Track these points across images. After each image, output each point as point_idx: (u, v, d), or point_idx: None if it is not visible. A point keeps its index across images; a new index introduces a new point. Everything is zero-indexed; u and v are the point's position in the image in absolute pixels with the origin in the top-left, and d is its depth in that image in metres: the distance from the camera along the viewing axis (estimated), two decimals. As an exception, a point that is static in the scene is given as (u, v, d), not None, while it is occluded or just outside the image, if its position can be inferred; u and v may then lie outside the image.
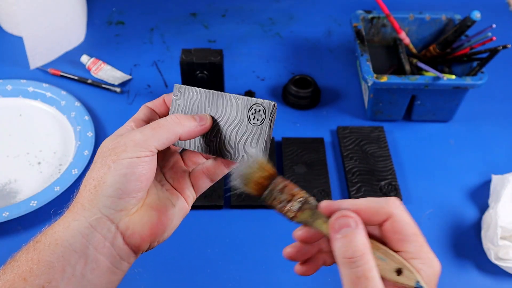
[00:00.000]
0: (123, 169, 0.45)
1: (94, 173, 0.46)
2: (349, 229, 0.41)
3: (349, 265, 0.40)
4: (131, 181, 0.45)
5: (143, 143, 0.46)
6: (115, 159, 0.45)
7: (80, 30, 1.06)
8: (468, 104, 0.94)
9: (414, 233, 0.42)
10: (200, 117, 0.50)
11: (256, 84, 0.99)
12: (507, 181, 0.78)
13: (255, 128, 0.49)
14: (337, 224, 0.41)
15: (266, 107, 0.48)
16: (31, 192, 0.80)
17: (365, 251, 0.40)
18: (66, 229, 0.45)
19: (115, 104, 0.95)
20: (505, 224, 0.73)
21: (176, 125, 0.48)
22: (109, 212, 0.45)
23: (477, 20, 0.87)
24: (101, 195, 0.45)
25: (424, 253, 0.41)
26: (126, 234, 0.47)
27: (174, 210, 0.50)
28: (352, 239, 0.40)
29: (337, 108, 0.96)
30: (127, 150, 0.46)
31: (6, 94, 0.94)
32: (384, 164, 0.85)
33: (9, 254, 0.74)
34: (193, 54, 0.88)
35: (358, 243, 0.40)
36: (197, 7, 1.17)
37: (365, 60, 0.88)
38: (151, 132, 0.47)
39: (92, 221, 0.45)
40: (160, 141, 0.47)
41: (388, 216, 0.42)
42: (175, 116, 0.49)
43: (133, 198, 0.46)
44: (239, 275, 0.73)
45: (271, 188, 0.44)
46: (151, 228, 0.48)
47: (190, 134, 0.49)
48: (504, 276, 0.73)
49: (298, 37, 1.11)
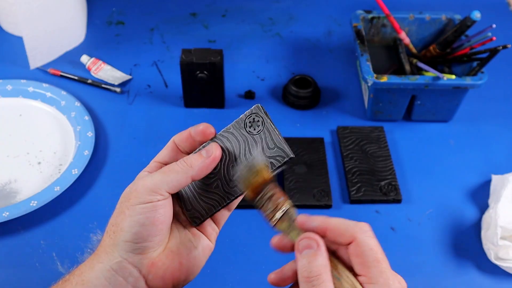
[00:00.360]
0: (137, 215, 0.46)
1: (113, 219, 0.48)
2: (311, 251, 0.44)
3: (307, 284, 0.43)
4: (146, 225, 0.47)
5: (153, 187, 0.47)
6: (128, 205, 0.47)
7: (80, 30, 1.06)
8: (468, 104, 0.94)
9: (375, 259, 0.43)
10: (206, 150, 0.49)
11: (256, 84, 0.99)
12: (507, 181, 0.78)
13: (262, 133, 0.49)
14: (301, 245, 0.44)
15: (255, 111, 0.49)
16: (31, 192, 0.80)
17: (321, 272, 0.43)
18: (91, 271, 0.47)
19: (115, 104, 0.95)
20: (505, 224, 0.73)
21: (186, 168, 0.48)
22: (128, 256, 0.47)
23: (477, 20, 0.87)
24: (119, 240, 0.47)
25: (382, 280, 0.42)
26: (148, 278, 0.48)
27: (197, 252, 0.51)
28: (311, 260, 0.43)
29: (337, 108, 0.96)
30: (138, 196, 0.47)
31: (6, 94, 0.94)
32: (384, 164, 0.85)
33: (9, 254, 0.74)
34: (193, 54, 0.88)
35: (317, 264, 0.43)
36: (197, 7, 1.17)
37: (365, 60, 0.88)
38: (161, 176, 0.48)
39: (113, 265, 0.47)
40: (171, 184, 0.47)
41: (352, 239, 0.44)
42: (184, 159, 0.49)
43: (150, 242, 0.47)
44: (239, 275, 0.73)
45: (261, 195, 0.47)
46: (173, 272, 0.49)
47: (203, 172, 0.49)
48: (504, 276, 0.73)
49: (298, 37, 1.11)
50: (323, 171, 0.84)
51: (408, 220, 0.80)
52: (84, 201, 0.80)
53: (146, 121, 0.92)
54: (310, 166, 0.84)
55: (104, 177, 0.84)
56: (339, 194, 0.82)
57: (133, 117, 0.93)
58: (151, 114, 0.94)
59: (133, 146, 0.89)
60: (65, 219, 0.78)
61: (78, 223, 0.77)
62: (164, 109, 0.94)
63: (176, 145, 0.51)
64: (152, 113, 0.94)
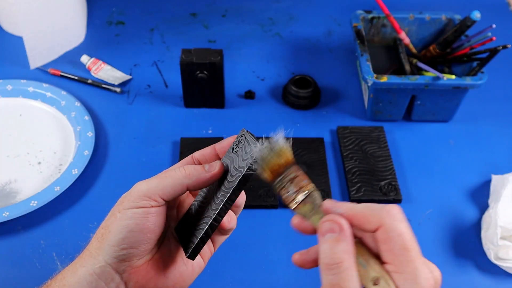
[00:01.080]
0: (126, 220, 0.45)
1: (104, 222, 0.47)
2: (334, 235, 0.40)
3: (327, 271, 0.39)
4: (134, 232, 0.45)
5: (147, 192, 0.46)
6: (120, 209, 0.46)
7: (80, 30, 1.06)
8: (468, 104, 0.94)
9: (403, 246, 0.40)
10: (210, 165, 0.48)
11: (256, 84, 0.99)
12: (507, 181, 0.78)
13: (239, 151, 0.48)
14: (324, 227, 0.41)
15: (240, 134, 0.48)
16: (31, 192, 0.80)
17: (344, 260, 0.39)
18: (73, 275, 0.46)
19: (115, 104, 0.95)
20: (505, 224, 0.73)
21: (182, 176, 0.47)
22: (112, 261, 0.46)
23: (477, 20, 0.87)
24: (106, 244, 0.46)
25: (410, 269, 0.39)
26: (129, 285, 0.47)
27: (185, 268, 0.50)
28: (334, 245, 0.40)
29: (337, 108, 0.96)
30: (131, 200, 0.46)
31: (6, 94, 0.94)
32: (384, 164, 0.85)
33: (9, 254, 0.74)
34: (193, 54, 0.88)
35: (339, 250, 0.40)
36: (197, 7, 1.17)
37: (365, 60, 0.88)
38: (157, 181, 0.46)
39: (96, 269, 0.46)
40: (165, 191, 0.46)
41: (379, 225, 0.40)
42: (184, 167, 0.48)
43: (137, 249, 0.46)
44: (239, 275, 0.73)
45: (283, 176, 0.44)
46: (156, 284, 0.48)
47: (199, 183, 0.47)
48: (504, 276, 0.73)
49: (298, 37, 1.11)
50: (323, 171, 0.84)
51: (408, 220, 0.80)
52: (84, 201, 0.80)
53: (146, 121, 0.92)
54: (310, 166, 0.84)
55: (104, 177, 0.84)
56: (339, 194, 0.82)
57: (133, 117, 0.93)
58: (151, 114, 0.94)
59: (133, 146, 0.89)
60: (65, 219, 0.78)
61: (78, 223, 0.77)
62: (164, 109, 0.94)
63: (193, 160, 0.51)
64: (152, 113, 0.94)
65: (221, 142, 0.51)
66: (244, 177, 0.46)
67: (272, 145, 0.44)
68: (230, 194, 0.46)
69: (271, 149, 0.44)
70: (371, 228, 0.41)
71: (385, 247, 0.40)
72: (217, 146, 0.51)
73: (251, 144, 0.46)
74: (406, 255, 0.39)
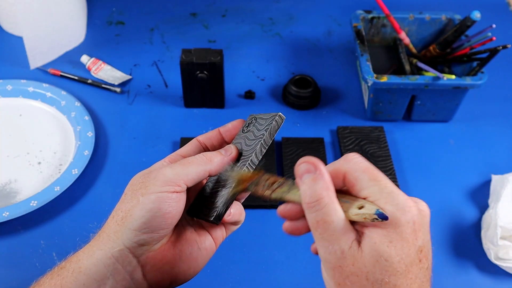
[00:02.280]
0: (150, 204, 0.46)
1: (123, 205, 0.47)
2: (310, 175, 0.41)
3: (310, 210, 0.41)
4: (156, 217, 0.46)
5: (173, 177, 0.47)
6: (144, 192, 0.46)
7: (80, 30, 1.06)
8: (468, 104, 0.94)
9: (372, 178, 0.41)
10: (225, 150, 0.51)
11: (256, 84, 0.99)
12: (507, 181, 0.78)
13: (251, 129, 0.51)
14: (300, 170, 0.42)
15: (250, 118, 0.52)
16: (31, 192, 0.80)
17: (323, 196, 0.40)
18: (90, 258, 0.46)
19: (115, 104, 0.95)
20: (505, 224, 0.73)
21: (205, 162, 0.49)
22: (132, 245, 0.46)
23: (477, 20, 0.87)
24: (126, 228, 0.46)
25: (385, 193, 0.40)
26: (146, 269, 0.47)
27: (199, 252, 0.51)
28: (312, 184, 0.41)
29: (337, 108, 0.96)
30: (156, 184, 0.46)
31: (6, 94, 0.94)
32: (384, 164, 0.85)
33: (9, 254, 0.74)
34: (193, 54, 0.88)
35: (317, 188, 0.41)
36: (197, 7, 1.17)
37: (365, 60, 0.88)
38: (181, 168, 0.48)
39: (114, 253, 0.46)
40: (190, 176, 0.48)
41: (344, 174, 0.42)
42: (203, 154, 0.50)
43: (157, 234, 0.47)
44: (239, 275, 0.73)
45: (255, 180, 0.47)
46: (172, 267, 0.49)
47: (220, 168, 0.50)
48: (504, 276, 0.73)
49: (298, 37, 1.11)
50: (323, 171, 0.84)
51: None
52: (84, 201, 0.80)
53: (146, 121, 0.92)
54: (310, 166, 0.84)
55: (104, 177, 0.84)
56: (339, 194, 0.82)
57: (133, 117, 0.93)
58: (151, 114, 0.94)
59: (133, 146, 0.89)
60: (65, 219, 0.78)
61: (78, 223, 0.77)
62: (164, 109, 0.94)
63: (200, 143, 0.53)
64: (152, 113, 0.94)
65: (225, 126, 0.53)
66: (272, 128, 0.50)
67: (233, 181, 0.48)
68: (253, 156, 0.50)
69: (235, 183, 0.48)
70: (340, 181, 0.42)
71: (357, 187, 0.41)
72: (221, 129, 0.53)
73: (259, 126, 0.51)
74: (379, 184, 0.40)
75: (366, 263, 0.39)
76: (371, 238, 0.40)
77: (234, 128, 0.53)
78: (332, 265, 0.41)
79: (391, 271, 0.39)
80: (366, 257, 0.39)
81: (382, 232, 0.39)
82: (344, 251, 0.40)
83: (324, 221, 0.40)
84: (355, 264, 0.40)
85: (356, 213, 0.40)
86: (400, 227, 0.39)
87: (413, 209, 0.40)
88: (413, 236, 0.40)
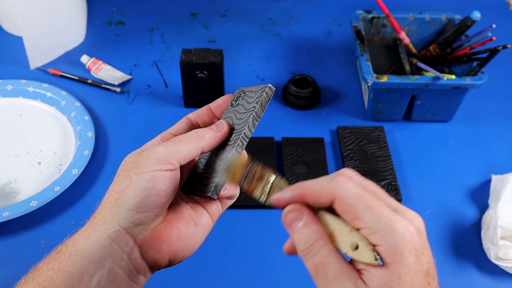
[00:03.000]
0: (144, 183, 0.46)
1: (116, 186, 0.47)
2: (298, 222, 0.41)
3: (306, 256, 0.40)
4: (151, 196, 0.46)
5: (165, 156, 0.47)
6: (137, 172, 0.46)
7: (80, 30, 1.06)
8: (468, 104, 0.94)
9: (366, 206, 0.38)
10: (217, 125, 0.50)
11: (256, 84, 0.99)
12: (507, 181, 0.78)
13: (241, 103, 0.51)
14: (288, 219, 0.42)
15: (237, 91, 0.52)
16: (31, 192, 0.80)
17: (316, 239, 0.40)
18: (86, 240, 0.46)
19: (115, 104, 0.95)
20: (505, 224, 0.73)
21: (197, 139, 0.49)
22: (128, 225, 0.46)
23: (477, 20, 0.87)
24: (121, 208, 0.46)
25: (383, 224, 0.37)
26: (143, 248, 0.47)
27: (196, 229, 0.50)
28: (303, 232, 0.41)
29: (337, 108, 0.96)
30: (149, 163, 0.46)
31: (6, 94, 0.94)
32: (384, 164, 0.85)
33: (9, 254, 0.74)
34: (193, 54, 0.88)
35: (308, 234, 0.40)
36: (197, 7, 1.17)
37: (365, 60, 0.88)
38: (173, 145, 0.48)
39: (111, 233, 0.46)
40: (182, 154, 0.47)
41: (332, 198, 0.40)
42: (195, 131, 0.50)
43: (152, 213, 0.47)
44: (239, 275, 0.73)
45: (246, 178, 0.46)
46: (169, 246, 0.48)
47: (212, 144, 0.50)
48: (504, 276, 0.73)
49: (298, 37, 1.11)
50: (323, 171, 0.84)
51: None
52: (84, 201, 0.80)
53: (146, 121, 0.92)
54: (310, 166, 0.84)
55: (104, 177, 0.84)
56: (339, 194, 0.82)
57: (133, 117, 0.93)
58: (151, 114, 0.94)
59: (133, 146, 0.88)
60: (65, 219, 0.78)
61: (78, 223, 0.77)
62: (164, 109, 0.94)
63: (191, 120, 0.53)
64: (152, 113, 0.94)
65: (215, 102, 0.53)
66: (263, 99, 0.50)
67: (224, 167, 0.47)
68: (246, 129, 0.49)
69: (226, 170, 0.46)
70: (326, 202, 0.41)
71: (349, 215, 0.39)
72: (211, 105, 0.53)
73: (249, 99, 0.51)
74: (373, 213, 0.38)
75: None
76: (378, 277, 0.38)
77: (224, 103, 0.53)
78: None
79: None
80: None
81: (389, 270, 0.37)
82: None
83: (323, 264, 0.39)
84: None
85: (351, 254, 0.39)
86: (405, 259, 0.37)
87: (414, 236, 0.39)
88: (418, 263, 0.38)
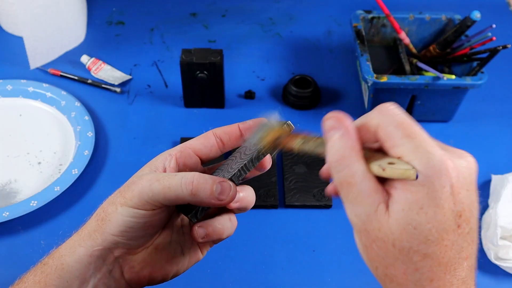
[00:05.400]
0: (128, 217, 0.44)
1: (105, 204, 0.46)
2: (335, 132, 0.39)
3: (333, 169, 0.38)
4: (135, 229, 0.45)
5: (150, 198, 0.43)
6: (122, 202, 0.44)
7: (80, 30, 1.06)
8: (468, 104, 0.94)
9: (406, 135, 0.37)
10: (221, 192, 0.44)
11: (256, 84, 0.99)
12: (507, 181, 0.78)
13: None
14: (326, 125, 0.39)
15: None
16: (31, 192, 0.80)
17: (346, 155, 0.37)
18: (72, 254, 0.46)
19: (115, 104, 0.95)
20: (505, 224, 0.73)
21: (188, 193, 0.43)
22: (111, 246, 0.46)
23: (477, 20, 0.87)
24: (105, 231, 0.45)
25: (420, 154, 0.36)
26: (124, 269, 0.47)
27: (182, 258, 0.49)
28: (337, 142, 0.38)
29: (337, 108, 0.95)
30: (133, 199, 0.44)
31: (6, 94, 0.94)
32: (384, 164, 0.84)
33: (9, 254, 0.74)
34: (193, 54, 0.88)
35: (341, 146, 0.38)
36: (197, 7, 1.17)
37: (365, 60, 0.88)
38: (160, 188, 0.43)
39: (94, 252, 0.45)
40: (168, 201, 0.44)
41: (376, 128, 0.38)
42: (194, 180, 0.44)
43: (136, 242, 0.46)
44: (239, 275, 0.73)
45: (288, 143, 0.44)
46: (152, 271, 0.48)
47: (206, 203, 0.44)
48: (504, 276, 0.73)
49: (298, 37, 1.11)
50: (323, 171, 0.84)
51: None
52: (84, 201, 0.80)
53: (146, 121, 0.92)
54: (310, 166, 0.84)
55: (104, 177, 0.84)
56: (339, 194, 0.82)
57: (133, 117, 0.93)
58: (151, 114, 0.94)
59: (133, 146, 0.89)
60: (65, 219, 0.78)
61: (78, 223, 0.77)
62: (164, 109, 0.94)
63: (215, 136, 0.48)
64: (152, 113, 0.94)
65: (245, 122, 0.49)
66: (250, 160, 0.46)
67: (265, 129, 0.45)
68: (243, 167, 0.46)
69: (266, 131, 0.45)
70: (371, 136, 0.39)
71: (388, 144, 0.37)
72: (240, 125, 0.49)
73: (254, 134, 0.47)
74: (412, 142, 0.36)
75: (392, 230, 0.36)
76: (399, 203, 0.36)
77: (254, 125, 0.48)
78: (358, 228, 0.38)
79: (421, 239, 0.36)
80: (393, 223, 0.36)
81: (413, 197, 0.36)
82: (369, 215, 0.37)
83: (348, 183, 0.37)
84: (381, 229, 0.37)
85: (383, 173, 0.37)
86: (434, 192, 0.35)
87: (451, 171, 0.36)
88: (449, 201, 0.36)
